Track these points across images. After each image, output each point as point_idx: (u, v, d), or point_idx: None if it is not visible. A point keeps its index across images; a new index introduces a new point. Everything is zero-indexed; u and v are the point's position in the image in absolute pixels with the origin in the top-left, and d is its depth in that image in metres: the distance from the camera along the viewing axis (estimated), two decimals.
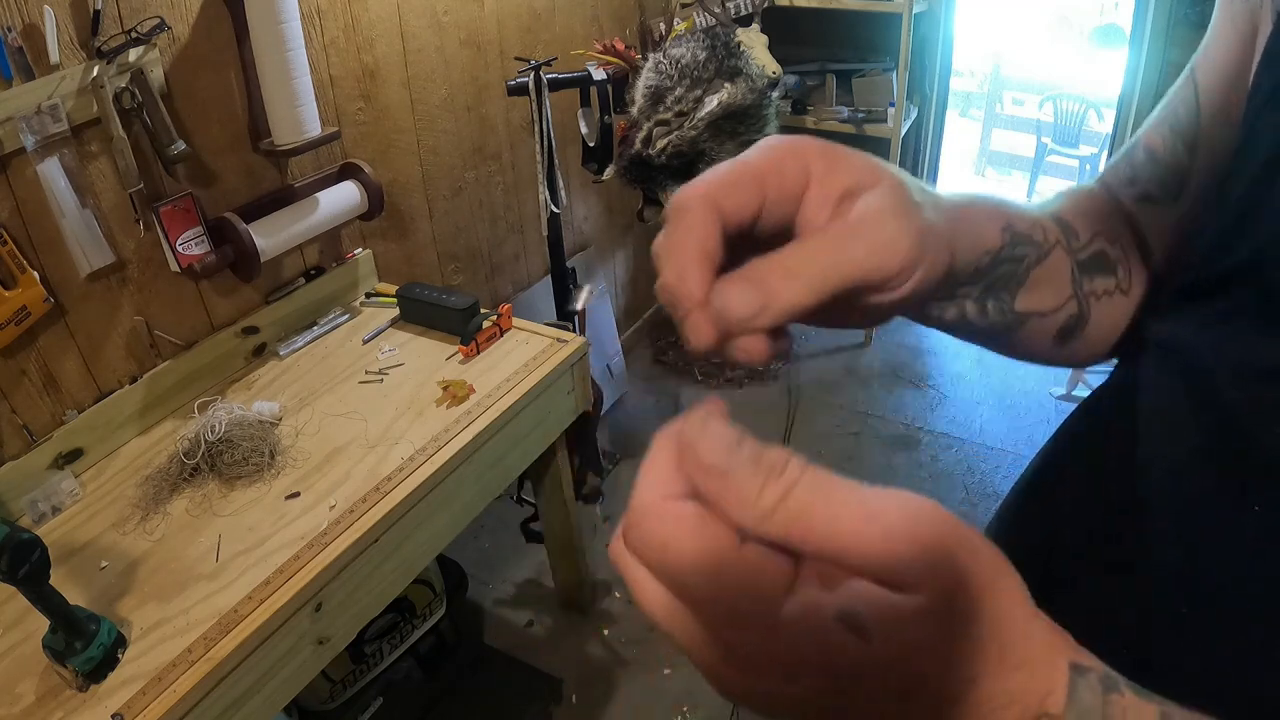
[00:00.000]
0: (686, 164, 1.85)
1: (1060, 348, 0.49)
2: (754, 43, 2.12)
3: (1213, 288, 0.42)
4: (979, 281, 0.41)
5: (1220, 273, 0.41)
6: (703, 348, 0.29)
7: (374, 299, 1.77)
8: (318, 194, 1.59)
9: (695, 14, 2.23)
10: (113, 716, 0.93)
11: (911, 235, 0.31)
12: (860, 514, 0.24)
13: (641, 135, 1.82)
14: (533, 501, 1.91)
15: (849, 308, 0.33)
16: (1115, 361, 0.52)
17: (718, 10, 2.22)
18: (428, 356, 1.58)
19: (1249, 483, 0.36)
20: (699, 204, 0.29)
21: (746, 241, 0.31)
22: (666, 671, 1.91)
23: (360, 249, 1.79)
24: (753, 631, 0.25)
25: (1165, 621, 0.38)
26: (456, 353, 1.57)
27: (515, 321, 1.64)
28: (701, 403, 0.28)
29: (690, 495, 0.26)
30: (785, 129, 2.16)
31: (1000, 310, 0.43)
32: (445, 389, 1.44)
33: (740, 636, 0.25)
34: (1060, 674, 0.27)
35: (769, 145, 0.32)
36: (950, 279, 0.37)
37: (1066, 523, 0.46)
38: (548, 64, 1.77)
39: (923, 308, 0.40)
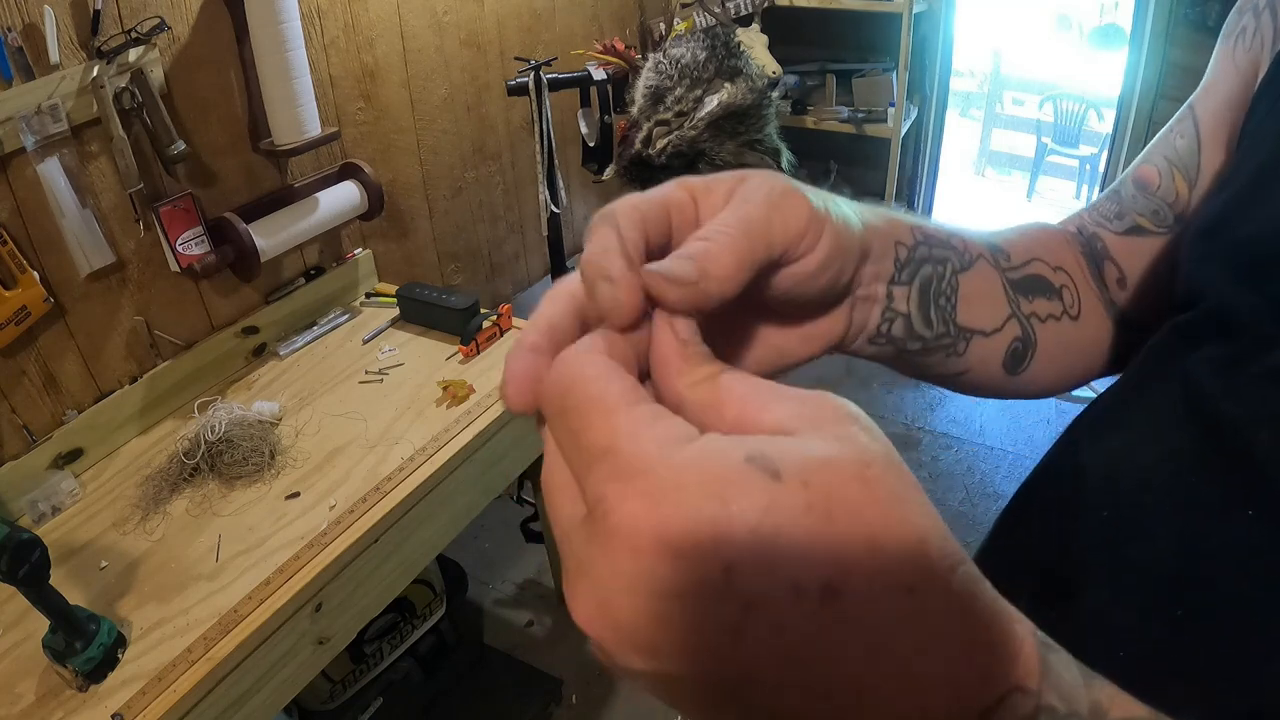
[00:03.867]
0: (686, 164, 1.86)
1: (1012, 376, 0.48)
2: (754, 43, 2.13)
3: (1194, 298, 0.43)
4: (905, 278, 0.40)
5: (1200, 281, 0.42)
6: (624, 318, 0.26)
7: (374, 299, 1.77)
8: (318, 194, 1.59)
9: (695, 14, 2.24)
10: (113, 716, 0.93)
11: (802, 196, 0.31)
12: (789, 393, 0.23)
13: (641, 135, 1.82)
14: (533, 501, 1.91)
15: (788, 304, 0.33)
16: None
17: (718, 10, 2.22)
18: (428, 356, 1.58)
19: (1242, 487, 0.36)
20: (623, 207, 0.29)
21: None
22: None
23: (360, 249, 1.79)
24: (641, 480, 0.20)
25: (1164, 626, 0.38)
26: (456, 353, 1.57)
27: (515, 321, 1.64)
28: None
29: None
30: (785, 129, 2.16)
31: (944, 321, 0.43)
32: (445, 389, 1.44)
33: (624, 491, 0.20)
34: (1025, 636, 0.22)
35: (658, 187, 0.32)
36: (872, 266, 0.37)
37: (1064, 531, 0.47)
38: (548, 64, 1.77)
39: (866, 325, 0.40)
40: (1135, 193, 0.51)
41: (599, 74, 1.89)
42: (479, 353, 1.56)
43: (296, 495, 1.25)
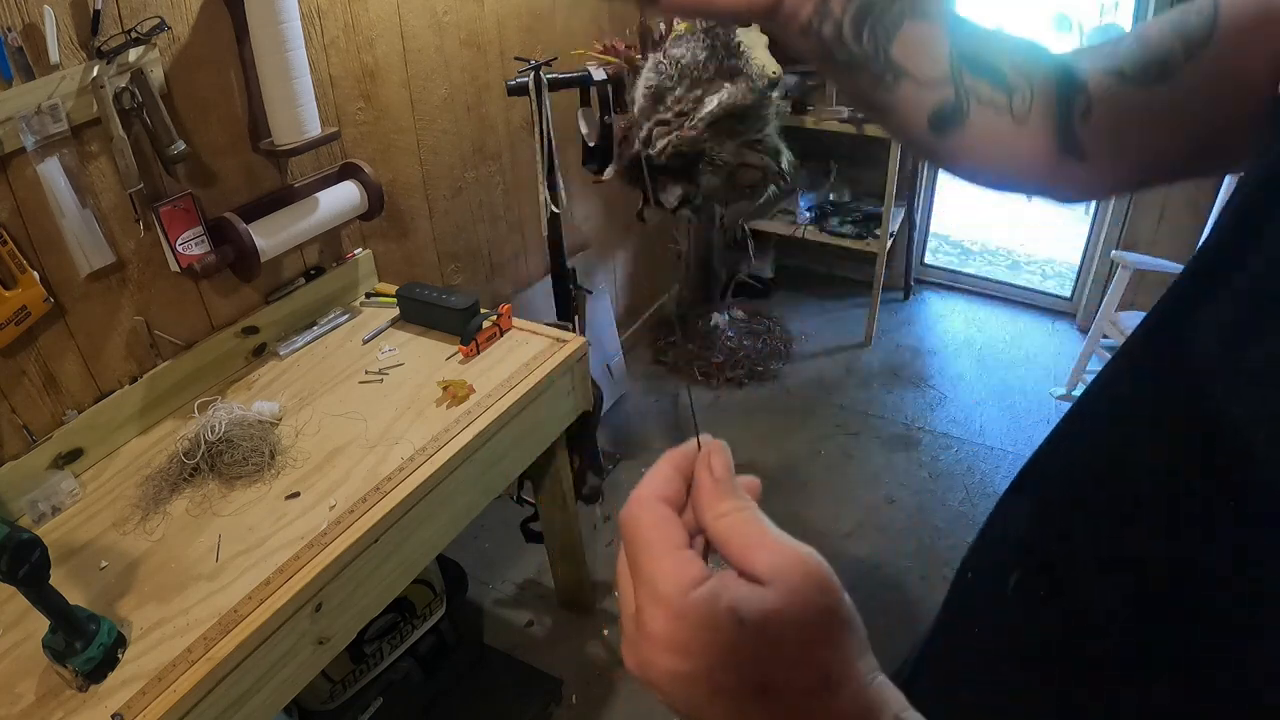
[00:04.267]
0: (686, 164, 1.85)
1: (936, 138, 0.48)
2: (754, 43, 2.12)
3: (1208, 287, 0.42)
4: None
5: (1220, 268, 0.41)
6: None
7: (374, 299, 1.77)
8: (318, 194, 1.59)
9: None
10: (113, 716, 0.93)
11: None
12: (772, 544, 0.32)
13: (642, 135, 1.82)
14: (533, 501, 1.91)
15: None
16: (1109, 356, 0.52)
17: None
18: (428, 356, 1.58)
19: (1241, 487, 0.36)
20: None
21: None
22: None
23: (360, 249, 1.79)
24: (664, 608, 0.32)
25: (1157, 618, 0.38)
26: (456, 353, 1.57)
27: (515, 321, 1.64)
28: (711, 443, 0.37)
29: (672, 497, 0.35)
30: (785, 129, 2.15)
31: (875, 44, 0.44)
32: (445, 389, 1.44)
33: (654, 611, 0.32)
34: None
35: None
36: None
37: (1059, 522, 0.47)
38: (548, 64, 1.77)
39: (799, 15, 0.43)
40: (1132, 44, 0.51)
41: (599, 74, 1.89)
42: (479, 353, 1.56)
43: (296, 495, 1.25)
